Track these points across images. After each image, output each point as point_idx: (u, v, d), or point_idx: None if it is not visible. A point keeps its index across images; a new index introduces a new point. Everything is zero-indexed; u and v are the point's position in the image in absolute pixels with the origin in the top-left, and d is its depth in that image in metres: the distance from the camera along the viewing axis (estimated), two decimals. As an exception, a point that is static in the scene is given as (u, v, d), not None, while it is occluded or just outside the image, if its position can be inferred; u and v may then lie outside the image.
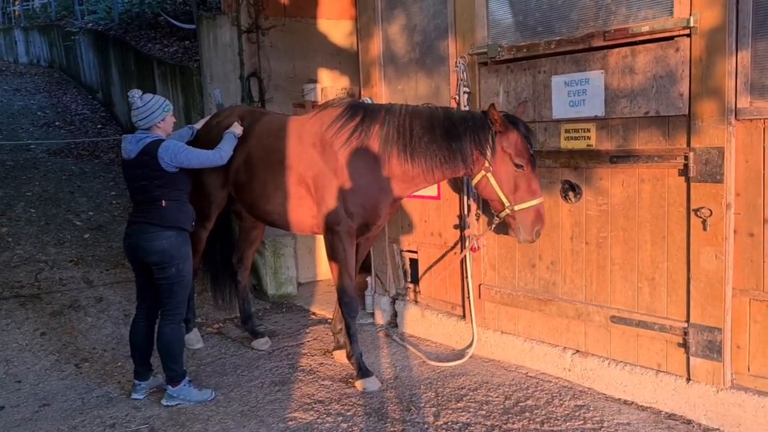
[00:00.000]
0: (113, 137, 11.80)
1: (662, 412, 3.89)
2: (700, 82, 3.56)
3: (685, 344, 3.79)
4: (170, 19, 11.57)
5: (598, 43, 3.98)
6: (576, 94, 4.15)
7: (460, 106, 4.77)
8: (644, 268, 3.96)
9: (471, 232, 4.79)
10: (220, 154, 4.44)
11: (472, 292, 4.91)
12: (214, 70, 7.49)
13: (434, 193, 5.17)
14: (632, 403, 4.03)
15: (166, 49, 10.96)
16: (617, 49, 3.91)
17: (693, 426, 3.72)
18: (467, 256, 4.85)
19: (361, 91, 5.73)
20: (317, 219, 4.57)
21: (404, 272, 5.61)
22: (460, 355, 4.91)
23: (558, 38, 4.19)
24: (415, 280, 5.52)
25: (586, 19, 4.07)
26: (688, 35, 3.58)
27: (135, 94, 4.27)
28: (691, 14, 3.54)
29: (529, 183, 4.04)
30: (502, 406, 4.09)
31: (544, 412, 3.99)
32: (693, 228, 3.68)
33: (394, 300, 5.73)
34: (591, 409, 3.99)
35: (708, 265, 3.64)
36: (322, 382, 4.59)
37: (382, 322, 5.79)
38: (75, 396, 4.55)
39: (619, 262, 4.08)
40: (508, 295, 4.71)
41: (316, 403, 4.25)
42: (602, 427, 3.77)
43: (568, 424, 3.83)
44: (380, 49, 5.49)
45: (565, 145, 4.28)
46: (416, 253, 5.47)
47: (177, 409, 4.24)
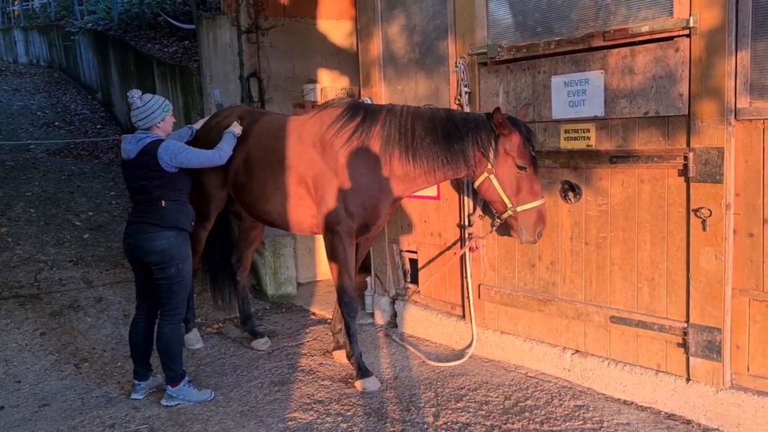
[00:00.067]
0: (113, 137, 11.79)
1: (662, 412, 3.89)
2: (699, 83, 3.56)
3: (684, 344, 3.79)
4: (170, 20, 11.57)
5: (597, 43, 3.98)
6: (575, 95, 4.15)
7: (463, 108, 4.78)
8: (644, 269, 3.96)
9: (475, 230, 4.77)
10: (219, 153, 4.44)
11: (471, 293, 4.92)
12: (214, 71, 7.49)
13: (434, 194, 5.17)
14: (632, 403, 4.03)
15: (166, 50, 10.96)
16: (617, 50, 3.91)
17: (692, 426, 3.73)
18: (467, 255, 4.86)
19: (361, 92, 5.73)
20: (317, 219, 4.57)
21: (404, 272, 5.61)
22: (459, 355, 4.91)
23: (558, 38, 4.19)
24: (415, 280, 5.52)
25: (586, 19, 4.08)
26: (688, 35, 3.58)
27: (134, 94, 4.26)
28: (690, 14, 3.54)
29: (531, 184, 4.07)
30: (502, 406, 4.10)
31: (543, 412, 3.99)
32: (692, 228, 3.68)
33: (393, 300, 5.73)
34: (591, 409, 3.99)
35: (708, 266, 3.64)
36: (322, 383, 4.60)
37: (382, 323, 5.79)
38: (74, 396, 4.55)
39: (618, 263, 4.08)
40: (508, 295, 4.71)
41: (315, 404, 4.25)
42: (602, 427, 3.77)
43: (567, 424, 3.83)
44: (380, 49, 5.49)
45: (564, 145, 4.28)
46: (416, 253, 5.47)
47: (176, 409, 4.24)
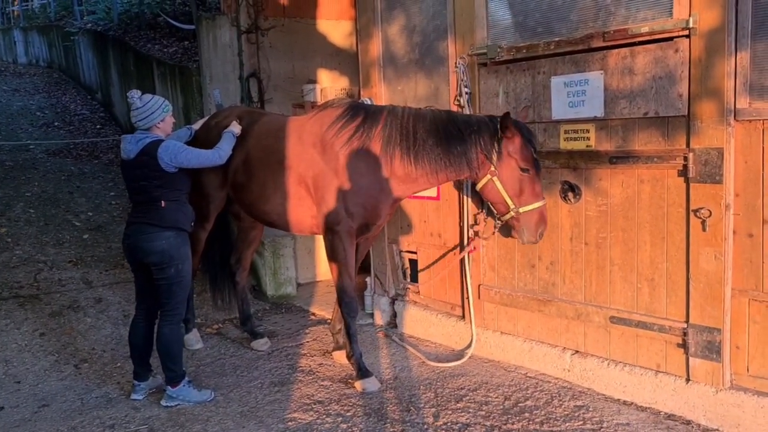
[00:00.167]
0: (112, 138, 11.78)
1: (661, 413, 3.89)
2: (699, 83, 3.57)
3: (684, 345, 3.80)
4: (170, 20, 11.56)
5: (597, 43, 3.98)
6: (575, 95, 4.15)
7: (463, 109, 4.78)
8: (644, 269, 3.97)
9: (480, 230, 4.77)
10: (219, 153, 4.44)
11: (471, 293, 4.92)
12: (214, 71, 7.49)
13: (434, 194, 5.17)
14: (631, 403, 4.03)
15: (166, 50, 10.95)
16: (617, 50, 3.92)
17: (692, 426, 3.73)
18: (467, 256, 4.86)
19: (361, 92, 5.73)
20: (317, 219, 4.57)
21: (404, 273, 5.61)
22: (459, 355, 4.91)
23: (557, 39, 4.20)
24: (415, 280, 5.52)
25: (586, 19, 4.08)
26: (688, 36, 3.58)
27: (134, 94, 4.26)
28: (690, 15, 3.54)
29: (533, 186, 4.09)
30: (502, 407, 4.10)
31: (543, 412, 3.99)
32: (692, 229, 3.69)
33: (393, 300, 5.73)
34: (590, 409, 3.99)
35: (707, 266, 3.65)
36: (322, 383, 4.60)
37: (382, 323, 5.79)
38: (74, 396, 4.55)
39: (618, 263, 4.09)
40: (508, 295, 4.71)
41: (315, 404, 4.25)
42: (601, 428, 3.77)
43: (567, 424, 3.83)
44: (380, 49, 5.49)
45: (564, 145, 4.29)
46: (416, 253, 5.47)
47: (176, 409, 4.24)
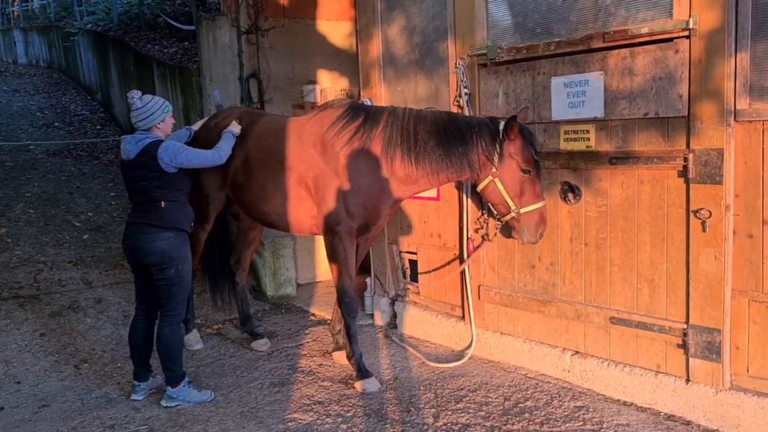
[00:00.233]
0: (112, 138, 11.77)
1: (661, 413, 3.89)
2: (699, 84, 3.57)
3: (684, 345, 3.80)
4: (169, 20, 11.56)
5: (597, 44, 3.98)
6: (575, 96, 4.16)
7: (463, 109, 4.78)
8: (643, 270, 3.97)
9: (485, 233, 4.77)
10: (219, 153, 4.45)
11: (471, 294, 4.92)
12: (214, 71, 7.49)
13: (434, 195, 5.17)
14: (631, 404, 4.04)
15: (166, 50, 10.95)
16: (616, 51, 3.92)
17: (692, 427, 3.73)
18: (466, 256, 4.86)
19: (361, 93, 5.73)
20: (317, 219, 4.57)
21: (403, 273, 5.61)
22: (459, 356, 4.91)
23: (557, 40, 4.20)
24: (415, 281, 5.52)
25: (585, 20, 4.08)
26: (688, 37, 3.58)
27: (134, 95, 4.26)
28: (690, 16, 3.54)
29: (534, 187, 4.10)
30: (502, 407, 4.10)
31: (543, 413, 3.99)
32: (692, 229, 3.69)
33: (393, 301, 5.73)
34: (590, 410, 3.99)
35: (707, 267, 3.65)
36: (322, 383, 4.60)
37: (382, 323, 5.79)
38: (74, 397, 4.55)
39: (618, 264, 4.09)
40: (508, 296, 4.72)
41: (315, 404, 4.25)
42: (601, 428, 3.77)
43: (567, 425, 3.83)
44: (380, 50, 5.49)
45: (564, 146, 4.29)
46: (415, 254, 5.47)
47: (176, 410, 4.24)
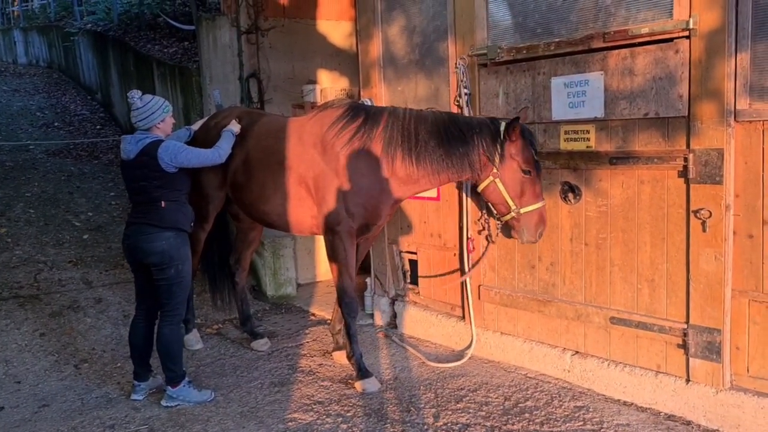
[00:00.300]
0: (112, 138, 11.77)
1: (662, 413, 3.89)
2: (699, 84, 3.57)
3: (684, 345, 3.80)
4: (169, 20, 11.55)
5: (597, 44, 3.98)
6: (575, 96, 4.16)
7: (462, 109, 4.78)
8: (644, 270, 3.97)
9: (486, 233, 4.76)
10: (218, 152, 4.45)
11: (471, 294, 4.92)
12: (214, 71, 7.49)
13: (434, 195, 5.17)
14: (632, 404, 4.04)
15: (166, 50, 10.94)
16: (617, 51, 3.92)
17: (692, 427, 3.73)
18: (465, 255, 4.87)
19: (361, 93, 5.73)
20: (317, 219, 4.57)
21: (403, 273, 5.61)
22: (459, 356, 4.91)
23: (557, 40, 4.20)
24: (415, 281, 5.52)
25: (586, 20, 4.08)
26: (688, 37, 3.58)
27: (135, 94, 4.27)
28: (690, 16, 3.54)
29: (534, 187, 4.12)
30: (502, 407, 4.10)
31: (543, 413, 3.99)
32: (692, 229, 3.69)
33: (393, 301, 5.73)
34: (590, 410, 3.99)
35: (707, 267, 3.65)
36: (322, 383, 4.60)
37: (382, 323, 5.79)
38: (74, 397, 4.55)
39: (618, 264, 4.09)
40: (508, 296, 4.72)
41: (315, 404, 4.25)
42: (602, 428, 3.77)
43: (567, 425, 3.84)
44: (380, 50, 5.49)
45: (564, 146, 4.29)
46: (416, 254, 5.47)
47: (176, 409, 4.24)
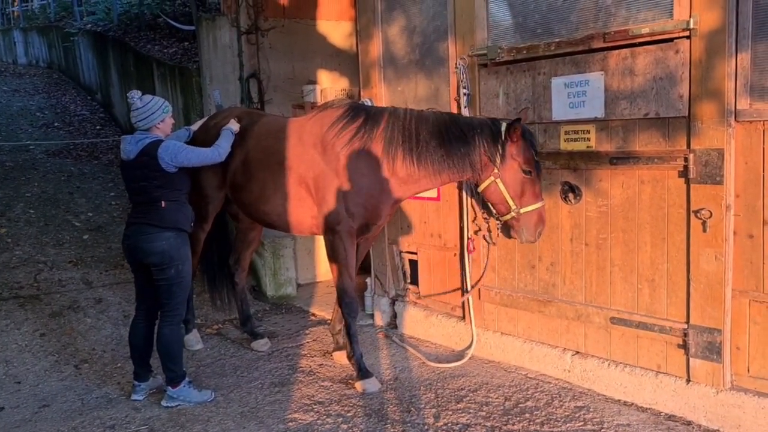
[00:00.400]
0: (112, 138, 11.77)
1: (662, 413, 3.89)
2: (699, 84, 3.57)
3: (684, 345, 3.80)
4: (169, 21, 11.55)
5: (597, 44, 3.98)
6: (576, 96, 4.15)
7: (461, 107, 4.78)
8: (644, 270, 3.97)
9: (487, 235, 4.78)
10: (218, 151, 4.45)
11: (471, 294, 4.91)
12: (214, 72, 7.49)
13: (434, 195, 5.17)
14: (632, 404, 4.04)
15: (166, 51, 10.95)
16: (617, 51, 3.92)
17: (693, 427, 3.73)
18: (466, 256, 4.87)
19: (361, 93, 5.73)
20: (317, 219, 4.57)
21: (404, 273, 5.61)
22: (459, 356, 4.91)
23: (558, 40, 4.20)
24: (415, 281, 5.52)
25: (586, 20, 4.08)
26: (688, 37, 3.58)
27: (134, 95, 4.27)
28: (690, 16, 3.54)
29: (534, 187, 4.14)
30: (502, 407, 4.10)
31: (544, 413, 3.99)
32: (693, 229, 3.69)
33: (393, 301, 5.72)
34: (591, 410, 3.99)
35: (708, 267, 3.65)
36: (322, 383, 4.59)
37: (382, 324, 5.78)
38: (74, 397, 4.55)
39: (618, 264, 4.09)
40: (508, 296, 4.71)
41: (315, 404, 4.25)
42: (602, 428, 3.77)
43: (568, 425, 3.83)
44: (380, 50, 5.49)
45: (564, 146, 4.29)
46: (416, 254, 5.47)
47: (177, 410, 4.24)
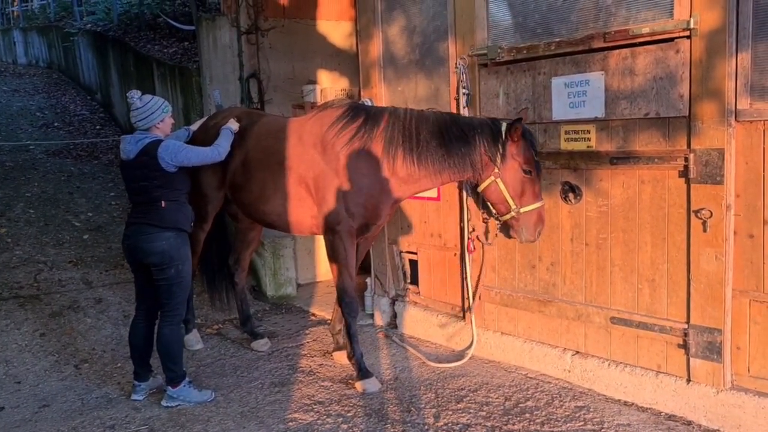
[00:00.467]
0: (112, 138, 11.77)
1: (662, 413, 3.89)
2: (700, 84, 3.57)
3: (685, 345, 3.80)
4: (170, 21, 11.56)
5: (598, 44, 3.98)
6: (576, 96, 4.15)
7: (460, 107, 4.78)
8: (644, 270, 3.96)
9: (483, 233, 4.78)
10: (218, 150, 4.45)
11: (471, 293, 4.91)
12: (214, 72, 7.49)
13: (434, 195, 5.17)
14: (632, 404, 4.03)
15: (166, 50, 10.94)
16: (617, 51, 3.91)
17: (693, 427, 3.73)
18: (466, 256, 4.87)
19: (361, 93, 5.73)
20: (317, 219, 4.57)
21: (404, 273, 5.61)
22: (459, 356, 4.91)
23: (558, 40, 4.19)
24: (415, 281, 5.52)
25: (586, 20, 4.08)
26: (688, 37, 3.58)
27: (134, 94, 4.27)
28: (691, 16, 3.54)
29: (534, 187, 4.15)
30: (503, 407, 4.09)
31: (544, 413, 3.99)
32: (693, 229, 3.69)
33: (393, 301, 5.72)
34: (591, 410, 3.99)
35: (708, 267, 3.65)
36: (322, 383, 4.59)
37: (382, 324, 5.78)
38: (75, 397, 4.55)
39: (619, 264, 4.08)
40: (508, 296, 4.71)
41: (316, 404, 4.25)
42: (602, 428, 3.77)
43: (568, 425, 3.83)
44: (380, 50, 5.49)
45: (565, 146, 4.29)
46: (416, 254, 5.47)
47: (177, 410, 4.24)
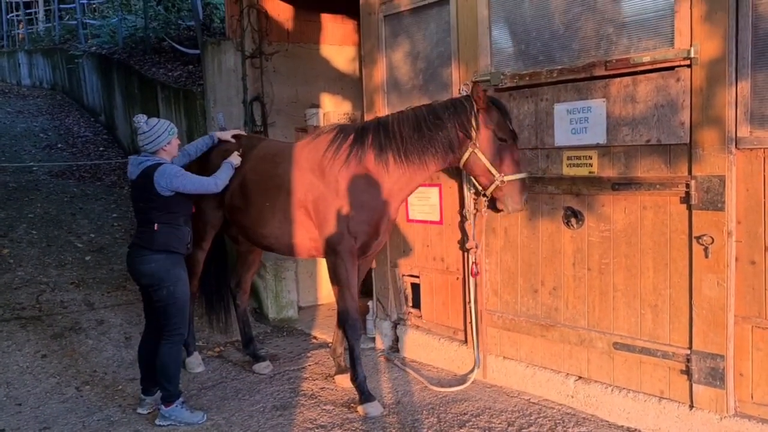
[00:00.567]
0: (115, 160, 11.84)
1: (665, 440, 3.88)
2: (700, 112, 3.61)
3: (687, 371, 3.79)
4: (174, 44, 11.67)
5: (599, 72, 4.03)
6: (578, 122, 4.20)
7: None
8: (646, 295, 3.98)
9: (476, 251, 4.81)
10: (216, 181, 4.48)
11: (475, 318, 4.92)
12: (218, 95, 7.56)
13: (436, 218, 5.20)
14: (636, 430, 4.01)
15: (170, 74, 11.04)
16: (619, 79, 3.97)
17: (697, 454, 3.71)
18: (469, 280, 4.88)
19: (365, 117, 5.78)
20: (316, 242, 4.61)
21: (406, 297, 5.62)
22: (462, 380, 4.90)
23: (560, 67, 4.25)
24: (417, 304, 5.52)
25: (588, 48, 4.14)
26: (689, 65, 3.63)
27: (141, 119, 4.33)
28: (691, 45, 3.60)
29: (513, 154, 4.31)
30: (505, 433, 4.08)
31: (547, 438, 3.98)
32: (695, 255, 3.71)
33: (395, 324, 5.72)
34: (594, 436, 3.98)
35: (710, 292, 3.66)
36: (324, 407, 4.58)
37: (383, 347, 5.77)
38: (76, 419, 4.53)
39: (621, 289, 4.10)
40: (510, 320, 4.72)
41: (318, 428, 4.23)
42: (606, 455, 3.76)
43: (571, 451, 3.82)
44: (384, 75, 5.56)
45: (567, 171, 4.32)
46: (418, 277, 5.48)
47: (178, 433, 4.22)
